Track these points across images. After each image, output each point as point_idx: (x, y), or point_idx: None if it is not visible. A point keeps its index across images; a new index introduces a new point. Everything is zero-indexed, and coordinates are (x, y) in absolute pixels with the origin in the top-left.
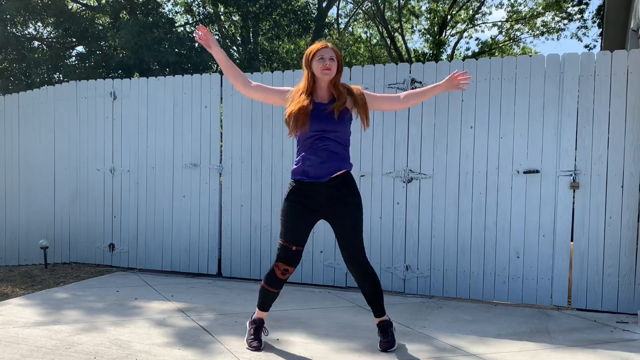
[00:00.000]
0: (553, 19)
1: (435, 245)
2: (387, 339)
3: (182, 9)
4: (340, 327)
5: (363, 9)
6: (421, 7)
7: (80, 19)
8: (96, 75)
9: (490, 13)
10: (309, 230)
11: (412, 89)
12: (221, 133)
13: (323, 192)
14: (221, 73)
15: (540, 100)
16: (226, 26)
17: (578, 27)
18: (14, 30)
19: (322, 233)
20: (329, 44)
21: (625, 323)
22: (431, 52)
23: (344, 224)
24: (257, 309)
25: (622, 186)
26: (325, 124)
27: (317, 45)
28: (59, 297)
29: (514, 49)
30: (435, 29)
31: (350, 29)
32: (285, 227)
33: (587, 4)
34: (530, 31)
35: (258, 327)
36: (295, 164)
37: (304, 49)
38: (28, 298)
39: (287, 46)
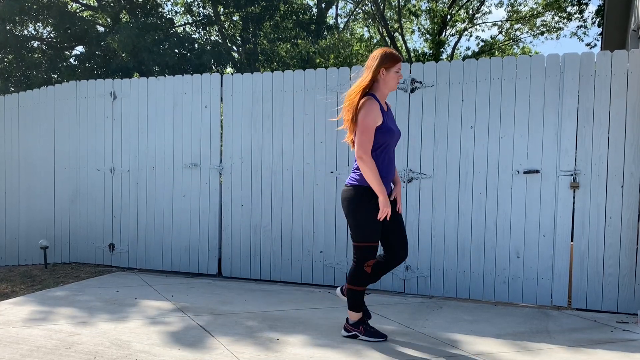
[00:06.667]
0: (553, 18)
1: (435, 245)
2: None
3: (182, 9)
4: (340, 327)
5: (363, 8)
6: (421, 6)
7: (80, 19)
8: (95, 76)
9: (490, 12)
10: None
11: (413, 88)
12: (221, 133)
13: None
14: (221, 73)
15: (540, 100)
16: (226, 26)
17: (578, 27)
18: (13, 30)
19: (322, 233)
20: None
21: (625, 323)
22: (431, 51)
23: None
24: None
25: (622, 186)
26: None
27: (397, 56)
28: (58, 297)
29: (514, 48)
30: (435, 29)
31: (349, 28)
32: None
33: (586, 3)
34: (530, 31)
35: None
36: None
37: (303, 49)
38: (28, 298)
39: (287, 46)
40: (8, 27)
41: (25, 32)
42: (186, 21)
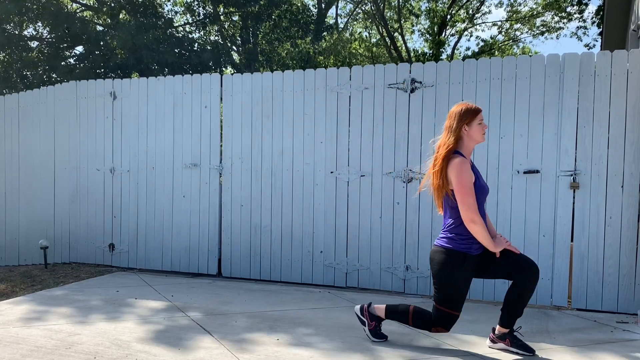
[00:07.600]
0: (553, 18)
1: None
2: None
3: (182, 9)
4: (340, 327)
5: (363, 8)
6: (421, 6)
7: (79, 19)
8: (95, 75)
9: (490, 12)
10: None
11: (413, 88)
12: (221, 133)
13: None
14: (221, 73)
15: (540, 100)
16: (226, 26)
17: (578, 27)
18: (14, 31)
19: (322, 233)
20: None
21: (625, 323)
22: (431, 51)
23: None
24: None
25: (622, 186)
26: None
27: (476, 108)
28: (58, 297)
29: (513, 48)
30: (435, 29)
31: (349, 28)
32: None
33: (586, 3)
34: (530, 31)
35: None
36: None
37: (304, 50)
38: (28, 298)
39: (287, 47)
40: (9, 27)
41: (25, 32)
42: (186, 21)
